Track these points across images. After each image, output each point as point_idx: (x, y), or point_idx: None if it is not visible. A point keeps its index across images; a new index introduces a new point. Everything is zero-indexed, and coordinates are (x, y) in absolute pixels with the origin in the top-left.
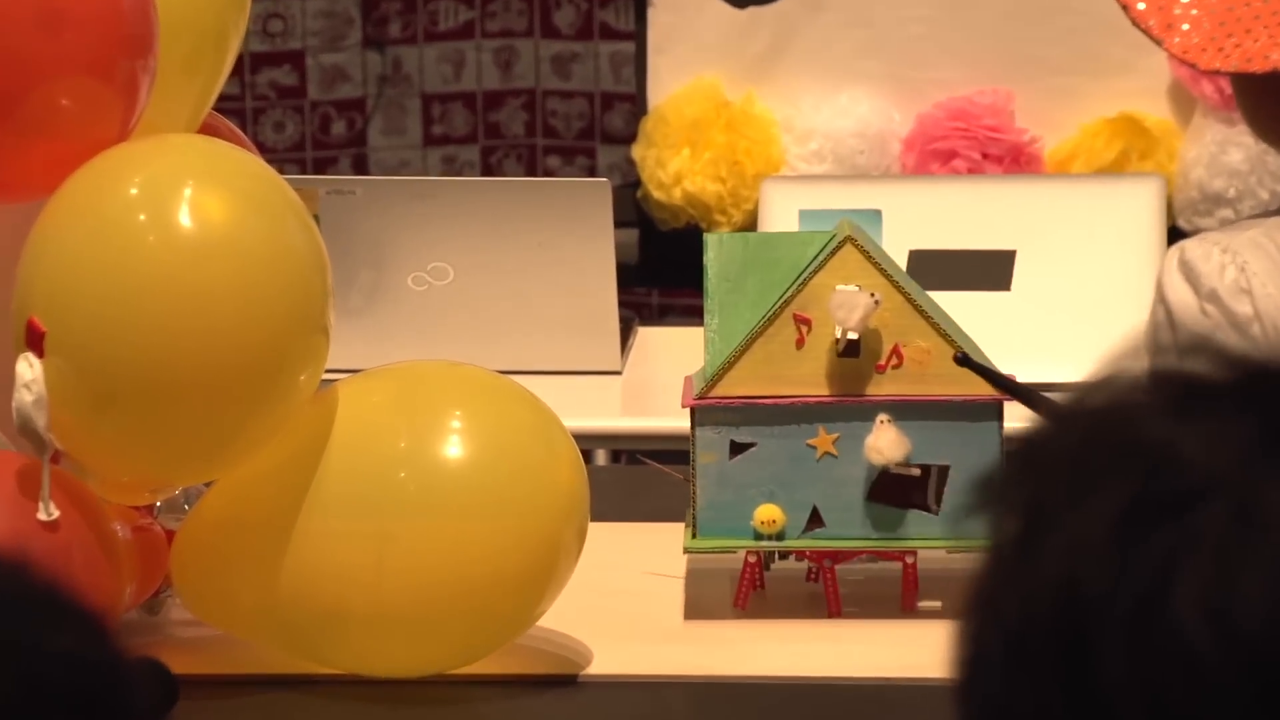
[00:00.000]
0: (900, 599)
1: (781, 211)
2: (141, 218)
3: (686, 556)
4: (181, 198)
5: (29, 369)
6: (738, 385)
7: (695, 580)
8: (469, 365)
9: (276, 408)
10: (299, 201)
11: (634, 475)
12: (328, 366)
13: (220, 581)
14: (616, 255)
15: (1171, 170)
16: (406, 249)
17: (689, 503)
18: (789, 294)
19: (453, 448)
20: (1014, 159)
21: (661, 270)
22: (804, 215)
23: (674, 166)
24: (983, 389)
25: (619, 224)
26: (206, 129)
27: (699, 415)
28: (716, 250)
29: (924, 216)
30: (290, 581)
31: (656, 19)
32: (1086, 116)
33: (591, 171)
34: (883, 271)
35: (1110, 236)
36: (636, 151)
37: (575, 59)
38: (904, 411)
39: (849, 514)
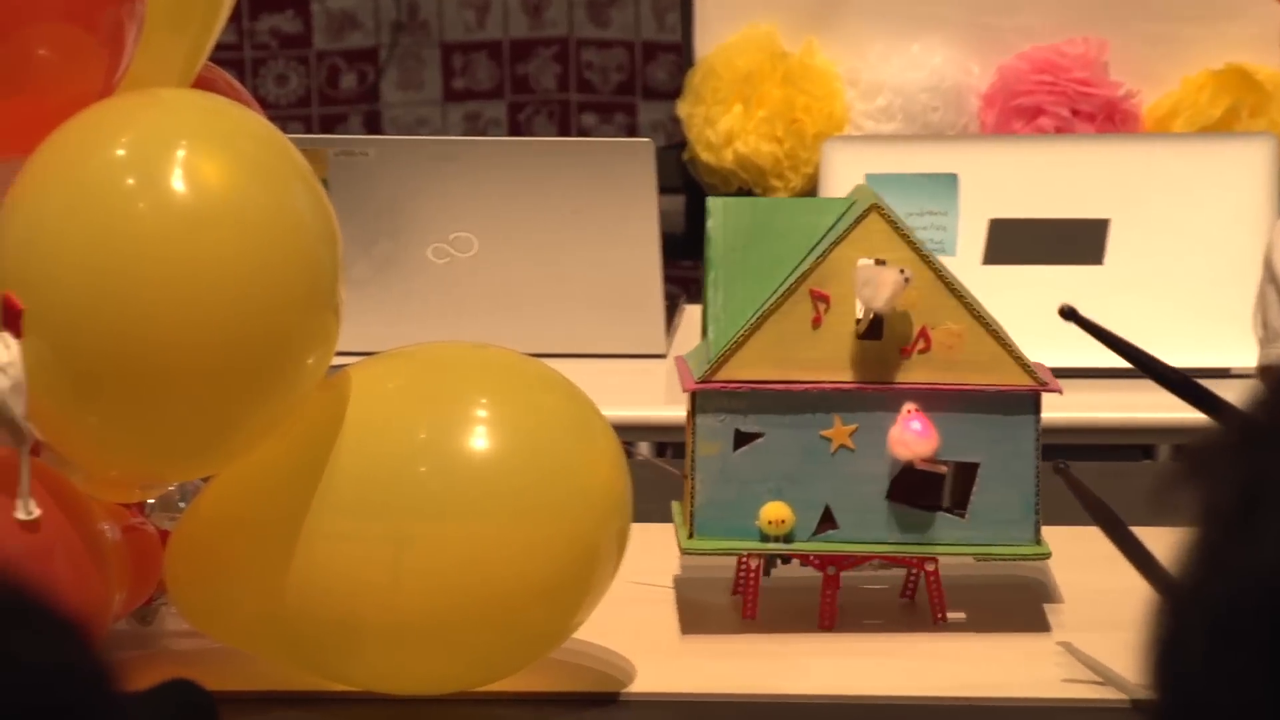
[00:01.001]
0: (930, 610)
1: (845, 175)
2: (129, 182)
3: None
4: (174, 160)
5: (5, 350)
6: (745, 368)
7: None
8: (496, 347)
9: (281, 394)
10: (306, 165)
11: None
12: (338, 348)
13: (219, 588)
14: (661, 224)
15: None
16: (425, 217)
17: (686, 498)
18: (806, 267)
19: (478, 440)
20: (1107, 116)
21: None
22: (870, 180)
23: (724, 125)
24: (1019, 379)
25: (663, 189)
26: (202, 83)
27: (700, 401)
28: (721, 217)
29: (1005, 181)
30: (297, 588)
31: None
32: (1190, 68)
33: (632, 131)
34: (911, 244)
35: (1216, 203)
36: (682, 108)
37: (614, 4)
38: (930, 401)
39: (865, 515)
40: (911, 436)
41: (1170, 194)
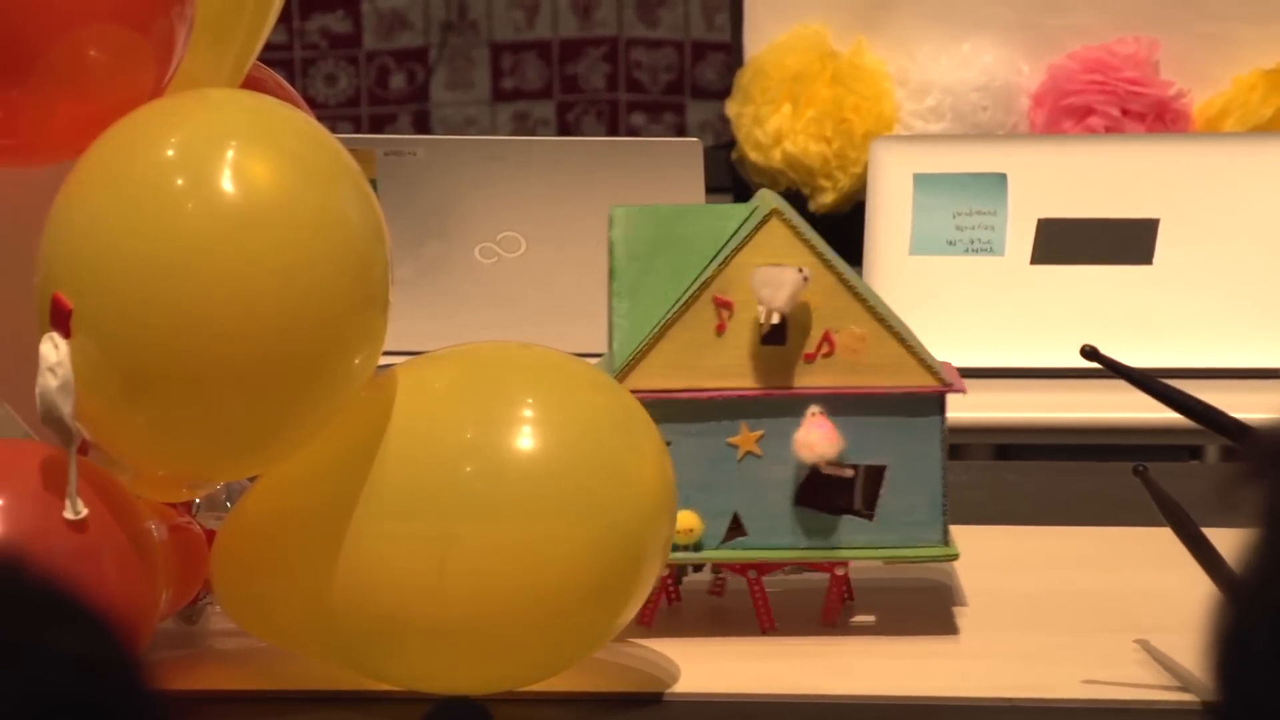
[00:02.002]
0: (823, 612)
1: (894, 176)
2: (179, 182)
3: None
4: (223, 160)
5: (54, 350)
6: (651, 378)
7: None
8: (542, 347)
9: (328, 394)
10: (354, 165)
11: None
12: (385, 348)
13: (264, 587)
14: None
15: None
16: (473, 217)
17: None
18: (708, 275)
19: (524, 439)
20: (1158, 116)
21: None
22: (919, 180)
23: (773, 125)
24: (924, 380)
25: (712, 189)
26: (251, 83)
27: None
28: (623, 226)
29: (1055, 181)
30: (342, 587)
31: None
32: (1241, 68)
33: (681, 130)
34: (813, 248)
35: (1266, 203)
36: (731, 108)
37: (663, 3)
38: (836, 405)
39: (774, 521)
40: (816, 438)
41: (1221, 194)
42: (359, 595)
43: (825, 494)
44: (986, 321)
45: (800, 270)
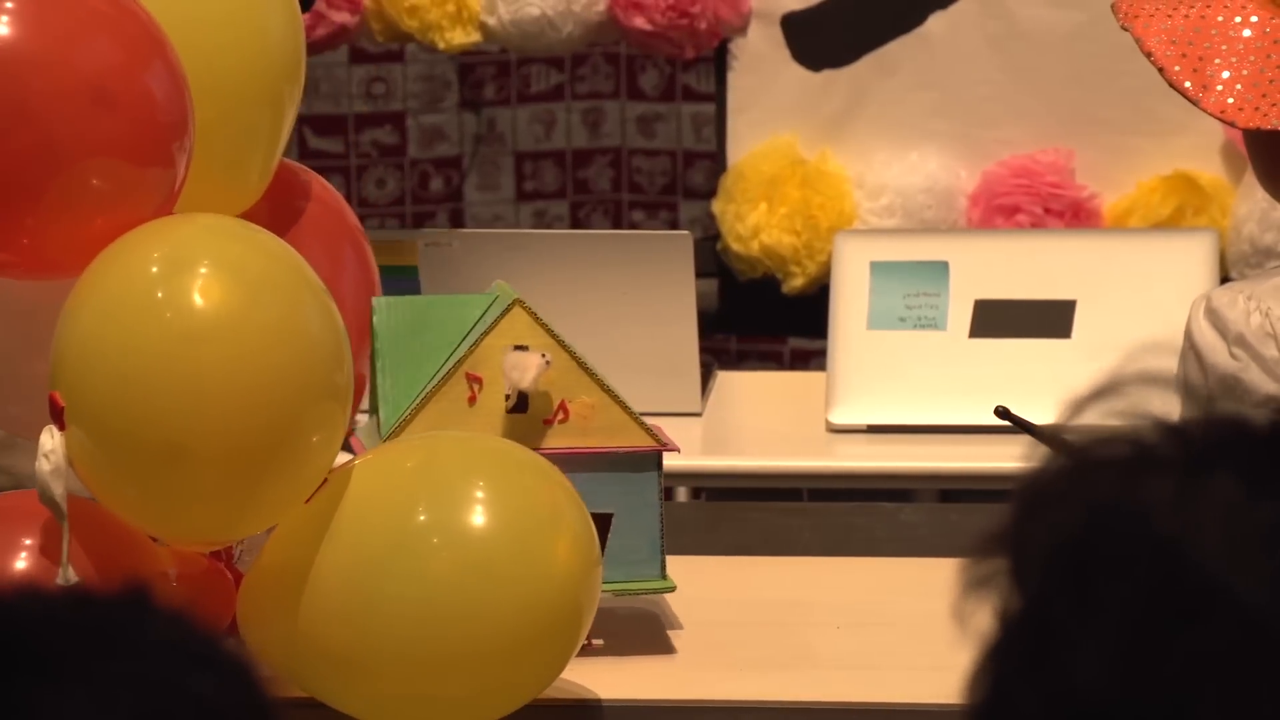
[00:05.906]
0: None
1: (854, 264)
2: (158, 295)
3: None
4: (195, 279)
5: (50, 439)
6: None
7: None
8: (491, 438)
9: (291, 471)
10: (315, 280)
11: (714, 511)
12: None
13: (259, 630)
14: (697, 304)
15: (1224, 225)
16: None
17: None
18: (461, 354)
19: (476, 517)
20: (1074, 214)
21: (740, 318)
22: (875, 267)
23: (752, 220)
24: (643, 440)
25: (700, 274)
26: (297, 184)
27: None
28: (385, 313)
29: (989, 268)
30: (310, 638)
31: (736, 81)
32: (1144, 174)
33: (674, 225)
34: (549, 332)
35: (1166, 288)
36: (716, 206)
37: (659, 119)
38: (570, 463)
39: None
40: None
41: (1127, 279)
42: (326, 645)
43: None
44: (932, 385)
45: (543, 355)
